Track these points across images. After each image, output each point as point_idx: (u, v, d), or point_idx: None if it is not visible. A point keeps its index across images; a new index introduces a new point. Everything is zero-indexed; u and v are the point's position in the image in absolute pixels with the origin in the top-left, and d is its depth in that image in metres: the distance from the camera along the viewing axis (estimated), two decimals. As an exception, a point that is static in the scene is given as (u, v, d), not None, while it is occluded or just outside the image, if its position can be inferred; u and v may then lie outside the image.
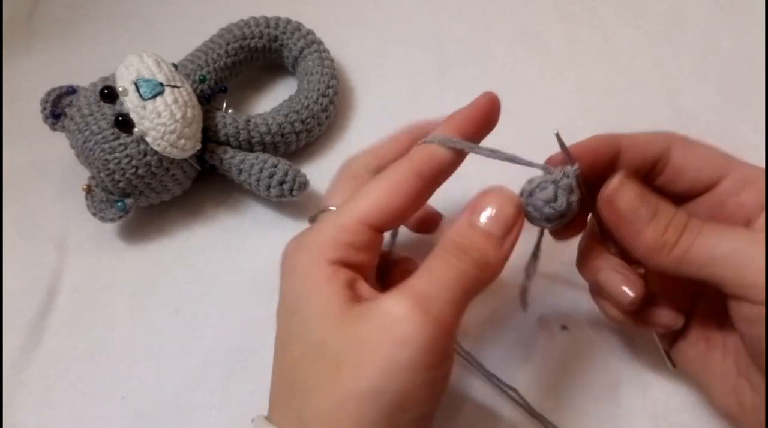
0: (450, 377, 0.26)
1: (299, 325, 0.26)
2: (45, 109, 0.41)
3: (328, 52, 0.47)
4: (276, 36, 0.46)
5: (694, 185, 0.30)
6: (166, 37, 0.51)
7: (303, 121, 0.43)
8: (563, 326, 0.37)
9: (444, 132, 0.29)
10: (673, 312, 0.31)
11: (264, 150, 0.42)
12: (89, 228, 0.42)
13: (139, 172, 0.39)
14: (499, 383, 0.34)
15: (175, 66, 0.42)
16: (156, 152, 0.39)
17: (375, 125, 0.46)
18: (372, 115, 0.47)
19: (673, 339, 0.33)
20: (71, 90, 0.41)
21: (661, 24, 0.50)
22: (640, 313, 0.31)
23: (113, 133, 0.38)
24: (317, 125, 0.44)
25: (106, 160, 0.38)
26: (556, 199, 0.28)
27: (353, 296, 0.26)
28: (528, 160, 0.29)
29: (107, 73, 0.41)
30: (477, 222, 0.27)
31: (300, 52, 0.46)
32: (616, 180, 0.28)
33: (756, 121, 0.44)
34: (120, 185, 0.39)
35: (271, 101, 0.46)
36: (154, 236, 0.42)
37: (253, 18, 0.46)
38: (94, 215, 0.40)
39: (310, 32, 0.47)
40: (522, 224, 0.28)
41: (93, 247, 0.42)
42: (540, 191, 0.28)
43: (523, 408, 0.34)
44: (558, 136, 0.28)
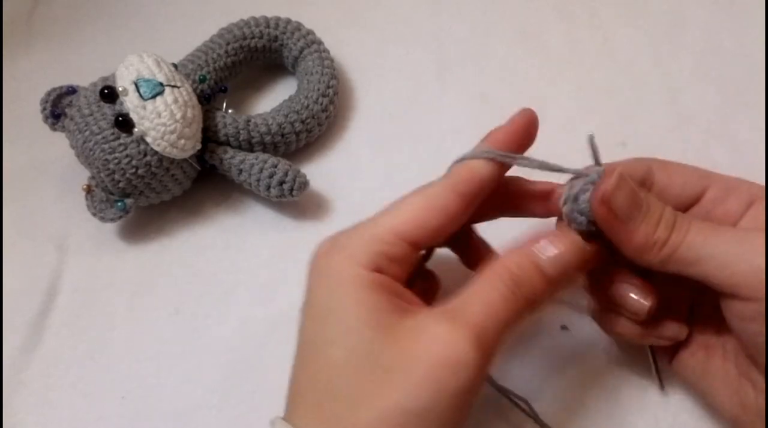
0: None
1: (337, 329, 0.26)
2: (45, 109, 0.41)
3: (328, 52, 0.47)
4: (276, 36, 0.46)
5: (680, 201, 0.31)
6: (166, 37, 0.51)
7: (303, 121, 0.43)
8: (563, 326, 0.37)
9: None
10: (677, 323, 0.31)
11: (264, 150, 0.42)
12: (89, 228, 0.42)
13: (139, 172, 0.39)
14: (509, 394, 0.33)
15: (175, 66, 0.42)
16: (156, 152, 0.39)
17: (375, 125, 0.46)
18: (372, 115, 0.47)
19: (674, 352, 0.33)
20: (71, 90, 0.41)
21: (661, 24, 0.50)
22: (646, 328, 0.31)
23: (113, 133, 0.38)
24: (317, 125, 0.44)
25: (106, 160, 0.38)
26: None
27: (398, 307, 0.26)
28: (575, 168, 0.29)
29: (107, 73, 0.41)
30: (538, 259, 0.27)
31: (300, 52, 0.46)
32: (613, 179, 0.28)
33: (756, 121, 0.44)
34: (120, 185, 0.39)
35: (271, 101, 0.46)
36: (154, 236, 0.42)
37: (253, 18, 0.46)
38: (94, 215, 0.40)
39: (310, 32, 0.47)
40: (580, 275, 0.28)
41: (93, 247, 0.42)
42: (583, 194, 0.29)
43: (527, 413, 0.33)
44: (591, 139, 0.29)
